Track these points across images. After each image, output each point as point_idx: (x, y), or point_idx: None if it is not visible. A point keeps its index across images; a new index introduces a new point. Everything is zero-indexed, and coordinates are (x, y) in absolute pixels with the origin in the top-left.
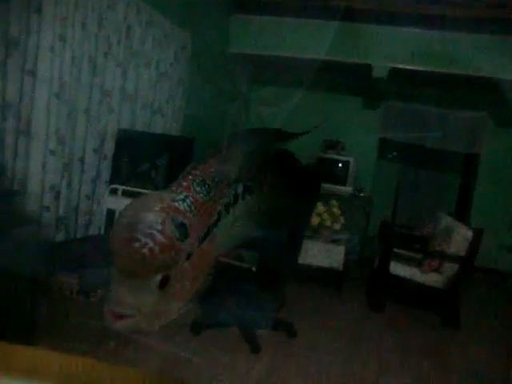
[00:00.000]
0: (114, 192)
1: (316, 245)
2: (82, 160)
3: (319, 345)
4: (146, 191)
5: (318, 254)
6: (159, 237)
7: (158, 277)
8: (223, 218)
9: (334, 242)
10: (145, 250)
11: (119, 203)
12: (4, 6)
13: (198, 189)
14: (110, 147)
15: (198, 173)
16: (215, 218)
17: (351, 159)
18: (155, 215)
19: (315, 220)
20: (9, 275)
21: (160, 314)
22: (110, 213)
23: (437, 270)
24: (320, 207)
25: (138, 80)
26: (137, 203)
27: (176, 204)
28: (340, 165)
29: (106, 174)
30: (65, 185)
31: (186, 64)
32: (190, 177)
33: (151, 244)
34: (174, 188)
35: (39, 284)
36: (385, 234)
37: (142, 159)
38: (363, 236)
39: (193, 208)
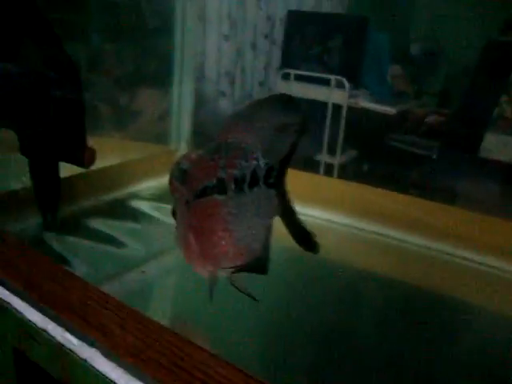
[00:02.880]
0: (286, 77)
1: (494, 137)
2: (253, 46)
3: None
4: (319, 75)
5: (497, 147)
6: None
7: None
8: (233, 196)
9: None
10: None
11: (292, 88)
12: None
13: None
14: (279, 32)
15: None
16: (213, 181)
17: None
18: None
19: (495, 111)
20: None
21: None
22: None
23: None
24: (502, 97)
25: None
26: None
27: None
28: None
29: (277, 60)
30: (238, 71)
31: None
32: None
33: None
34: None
35: None
36: None
37: (313, 42)
38: None
39: (195, 159)
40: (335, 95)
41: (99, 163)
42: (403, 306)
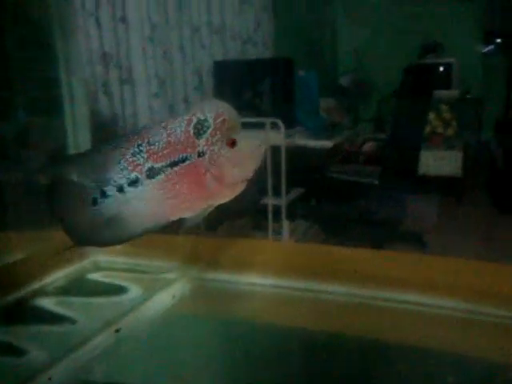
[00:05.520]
0: None
1: (430, 153)
2: (185, 99)
3: (453, 253)
4: (253, 120)
5: (434, 162)
6: None
7: None
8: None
9: (449, 148)
10: None
11: None
12: None
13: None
14: (209, 82)
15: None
16: None
17: (453, 60)
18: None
19: (426, 128)
20: None
21: None
22: None
23: None
24: (429, 114)
25: (222, 11)
26: None
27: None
28: (441, 68)
29: None
30: None
31: None
32: None
33: None
34: None
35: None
36: (504, 133)
37: (243, 88)
38: (477, 139)
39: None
40: (272, 137)
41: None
42: (325, 356)
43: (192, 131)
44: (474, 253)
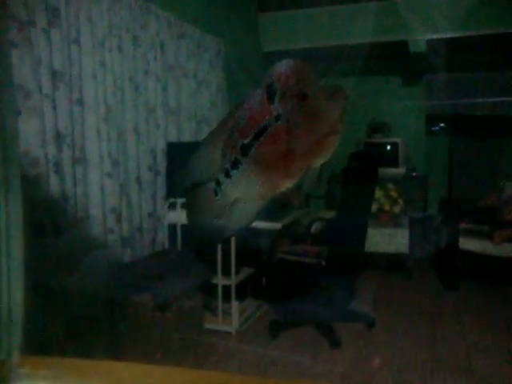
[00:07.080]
0: (172, 206)
1: (378, 231)
2: (138, 179)
3: (400, 331)
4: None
5: (382, 240)
6: None
7: None
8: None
9: (396, 225)
10: None
11: (179, 217)
12: (46, 40)
13: None
14: (162, 162)
15: None
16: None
17: (399, 140)
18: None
19: (373, 207)
20: (85, 298)
21: None
22: (172, 227)
23: (510, 240)
24: (377, 192)
25: (178, 92)
26: None
27: None
28: (388, 147)
29: (162, 190)
30: (124, 206)
31: (222, 70)
32: None
33: None
34: None
35: (114, 305)
36: (447, 211)
37: None
38: (423, 216)
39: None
40: None
41: None
42: None
43: (266, 98)
44: (418, 330)
